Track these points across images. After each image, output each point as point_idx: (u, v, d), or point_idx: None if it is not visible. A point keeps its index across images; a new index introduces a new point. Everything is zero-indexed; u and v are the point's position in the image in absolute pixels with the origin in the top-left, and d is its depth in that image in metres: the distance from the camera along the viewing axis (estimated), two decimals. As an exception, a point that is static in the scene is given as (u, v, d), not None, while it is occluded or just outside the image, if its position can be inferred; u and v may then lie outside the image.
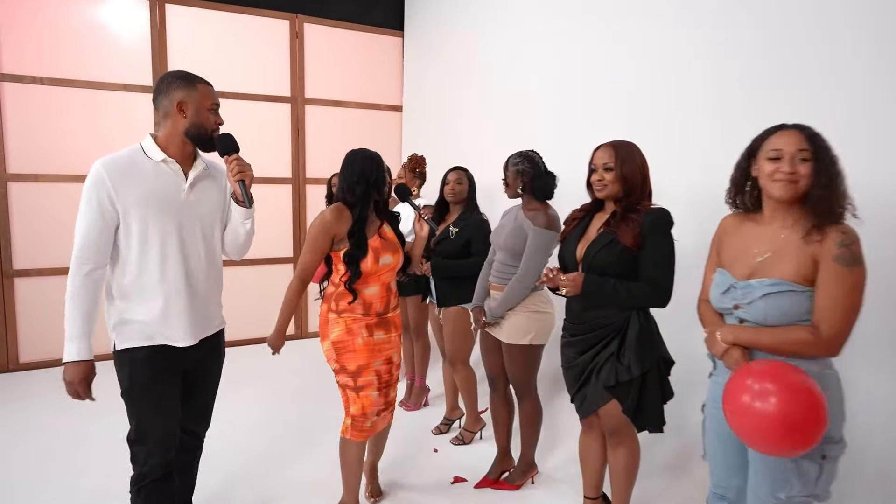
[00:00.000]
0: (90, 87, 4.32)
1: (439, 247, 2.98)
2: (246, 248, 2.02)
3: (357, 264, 2.12)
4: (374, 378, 2.22)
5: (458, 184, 2.97)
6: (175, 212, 1.78)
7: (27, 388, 3.94)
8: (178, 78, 1.78)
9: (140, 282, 1.76)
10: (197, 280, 1.85)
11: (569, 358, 2.13)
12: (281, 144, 5.05)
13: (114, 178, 1.69)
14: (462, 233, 2.91)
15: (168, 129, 1.79)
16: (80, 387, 1.69)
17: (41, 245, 4.26)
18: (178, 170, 1.80)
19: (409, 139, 5.44)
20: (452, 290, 2.95)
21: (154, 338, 1.78)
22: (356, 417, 2.22)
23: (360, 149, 2.25)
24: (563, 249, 2.15)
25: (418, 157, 3.51)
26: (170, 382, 1.83)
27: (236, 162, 1.81)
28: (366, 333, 2.19)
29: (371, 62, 5.37)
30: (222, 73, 4.73)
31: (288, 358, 2.69)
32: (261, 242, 5.09)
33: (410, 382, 3.67)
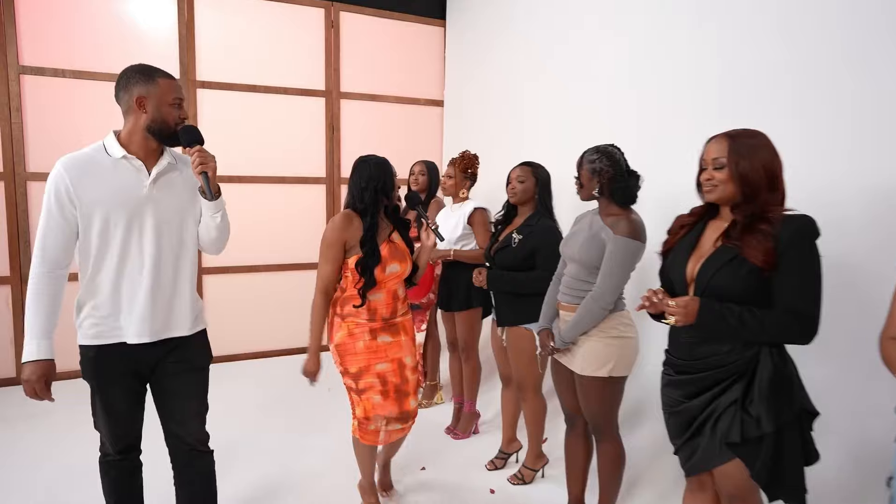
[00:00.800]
0: (113, 80, 4.00)
1: (499, 256, 2.57)
2: (220, 243, 1.94)
3: (371, 272, 2.12)
4: (375, 381, 2.20)
5: (520, 182, 2.55)
6: (135, 209, 1.73)
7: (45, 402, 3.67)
8: (136, 72, 1.75)
9: (97, 279, 1.74)
10: (162, 278, 1.79)
11: (673, 401, 1.71)
12: (314, 141, 4.72)
13: (73, 176, 1.68)
14: (526, 241, 2.49)
15: (129, 126, 1.76)
16: (37, 385, 1.67)
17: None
18: (140, 166, 1.77)
19: (451, 136, 5.07)
20: (513, 307, 2.55)
21: (107, 335, 1.76)
22: (361, 420, 2.24)
23: (369, 155, 2.26)
24: (668, 266, 1.73)
25: (470, 156, 3.12)
26: (121, 383, 1.81)
27: (198, 153, 1.76)
28: (368, 337, 2.19)
29: (411, 53, 5.01)
30: (252, 64, 4.44)
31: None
32: (293, 247, 4.84)
33: (458, 407, 3.29)
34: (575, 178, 2.22)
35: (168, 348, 1.84)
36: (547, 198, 2.57)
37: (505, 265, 2.55)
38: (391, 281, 2.21)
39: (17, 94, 3.82)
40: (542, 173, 2.58)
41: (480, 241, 3.01)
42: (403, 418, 2.27)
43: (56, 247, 1.70)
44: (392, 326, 2.25)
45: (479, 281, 2.61)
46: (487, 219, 3.03)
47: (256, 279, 4.60)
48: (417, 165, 3.54)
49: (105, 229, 1.71)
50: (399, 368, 2.25)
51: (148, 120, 1.74)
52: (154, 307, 1.78)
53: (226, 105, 4.38)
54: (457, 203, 3.13)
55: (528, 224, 2.53)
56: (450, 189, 3.09)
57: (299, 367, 2.26)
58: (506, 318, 2.59)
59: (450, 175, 3.10)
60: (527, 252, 2.49)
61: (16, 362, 3.95)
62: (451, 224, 3.06)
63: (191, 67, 4.24)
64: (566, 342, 2.15)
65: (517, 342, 2.56)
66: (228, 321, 4.42)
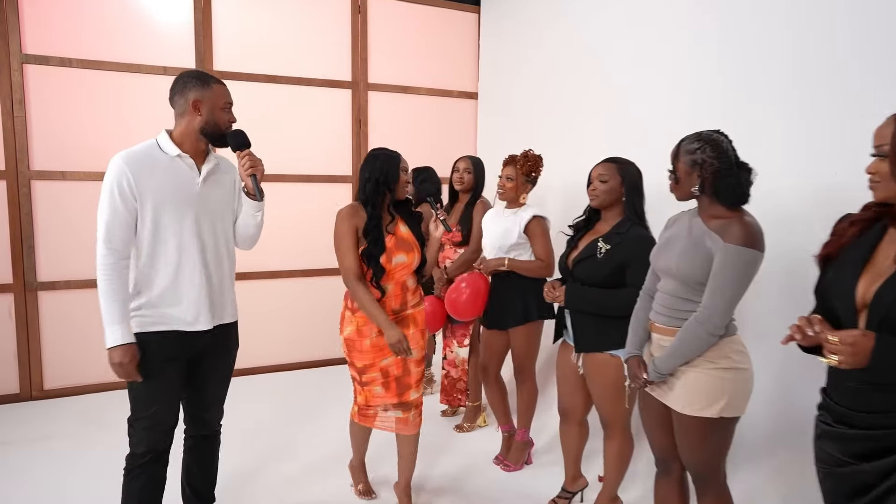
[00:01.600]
0: (126, 71, 3.72)
1: (580, 268, 2.19)
2: (255, 240, 2.11)
3: (377, 261, 2.17)
4: (378, 375, 2.28)
5: (602, 181, 2.16)
6: (190, 204, 1.87)
7: (52, 422, 3.36)
8: (193, 78, 1.87)
9: (153, 268, 1.85)
10: (211, 268, 1.93)
11: (833, 458, 1.32)
12: (339, 136, 4.36)
13: (133, 169, 1.78)
14: (615, 252, 2.10)
15: (183, 126, 1.88)
16: (130, 367, 1.79)
17: (70, 253, 3.68)
18: (193, 164, 1.89)
19: (486, 131, 4.69)
20: (596, 329, 2.16)
21: (165, 322, 1.86)
22: (361, 406, 2.36)
23: (380, 148, 2.31)
24: (830, 284, 1.34)
25: (535, 158, 2.71)
26: (172, 371, 1.90)
27: (248, 157, 1.92)
28: (375, 334, 2.24)
29: (443, 41, 4.63)
30: (273, 53, 4.10)
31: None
32: (316, 251, 4.48)
33: (507, 435, 2.91)
34: (669, 171, 1.83)
35: (214, 335, 1.96)
36: (637, 200, 2.16)
37: (587, 279, 2.17)
38: (399, 272, 2.24)
39: (20, 85, 3.50)
40: (629, 172, 2.17)
41: (539, 251, 2.64)
42: (404, 408, 2.32)
43: (123, 238, 1.79)
44: (402, 319, 2.28)
45: (552, 296, 2.23)
46: (547, 229, 2.66)
47: (277, 286, 4.26)
48: (462, 162, 3.16)
49: (161, 221, 1.82)
50: (403, 362, 2.27)
51: (202, 122, 1.86)
52: (209, 295, 1.91)
53: (244, 97, 4.00)
54: (511, 208, 2.75)
55: (618, 232, 2.14)
56: (509, 192, 2.70)
57: (331, 377, 2.07)
58: (586, 342, 2.20)
59: (510, 177, 2.70)
60: (615, 265, 2.10)
61: (20, 377, 3.64)
62: (502, 229, 2.69)
63: (207, 56, 3.90)
64: (662, 373, 1.77)
65: (601, 372, 2.17)
66: (250, 331, 4.06)
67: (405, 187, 2.32)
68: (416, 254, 2.29)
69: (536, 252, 2.65)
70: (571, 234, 2.34)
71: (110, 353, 1.76)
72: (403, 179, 2.29)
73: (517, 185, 2.69)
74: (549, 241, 2.64)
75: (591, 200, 2.23)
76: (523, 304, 2.66)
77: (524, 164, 2.68)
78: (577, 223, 2.33)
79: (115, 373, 1.79)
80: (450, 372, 3.25)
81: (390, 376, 2.28)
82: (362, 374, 2.30)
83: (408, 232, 2.30)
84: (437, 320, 3.10)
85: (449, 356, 3.23)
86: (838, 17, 2.10)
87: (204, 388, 2.04)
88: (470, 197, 3.16)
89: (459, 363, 3.20)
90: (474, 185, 3.16)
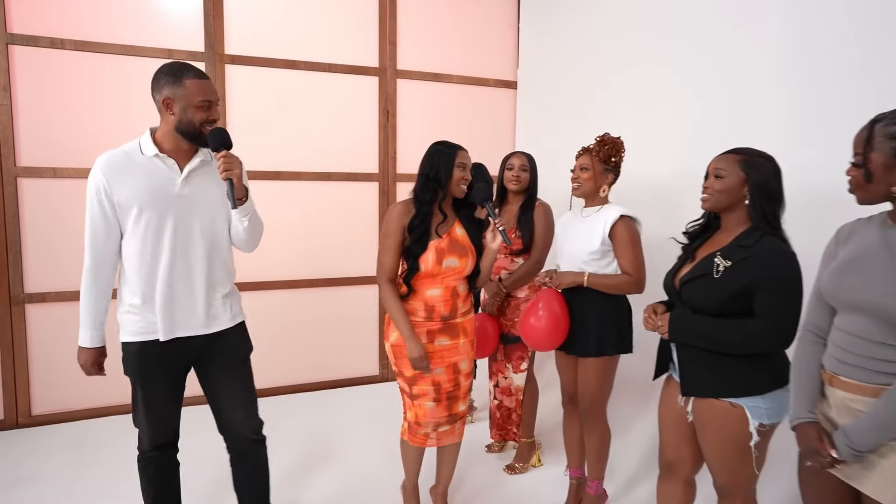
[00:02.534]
0: (125, 54, 3.27)
1: (690, 288, 1.70)
2: (252, 244, 1.99)
3: (416, 259, 2.06)
4: (429, 388, 2.15)
5: (718, 177, 1.69)
6: (168, 207, 1.79)
7: (41, 453, 2.92)
8: (165, 73, 1.77)
9: (135, 276, 1.81)
10: (196, 274, 1.85)
11: None
12: (365, 128, 3.89)
13: (108, 174, 1.74)
14: (739, 270, 1.60)
15: (162, 126, 1.81)
16: (90, 368, 1.89)
17: (62, 261, 3.23)
18: (173, 164, 1.81)
19: (526, 124, 4.22)
20: (711, 370, 1.66)
21: (148, 331, 1.83)
22: (412, 424, 2.21)
23: (441, 141, 2.17)
24: None
25: (612, 140, 2.23)
26: (161, 378, 1.87)
27: (223, 159, 1.77)
28: (424, 340, 2.11)
29: (479, 25, 4.15)
30: (292, 36, 3.65)
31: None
32: (338, 258, 4.02)
33: (576, 482, 2.44)
34: (853, 164, 1.36)
35: (209, 342, 1.90)
36: (767, 204, 1.63)
37: (699, 305, 1.68)
38: (449, 276, 2.10)
39: (5, 69, 3.06)
40: (757, 167, 1.64)
41: (626, 262, 2.15)
42: (452, 420, 2.22)
43: (102, 242, 1.77)
44: (451, 328, 2.15)
45: (653, 324, 1.75)
46: (637, 233, 2.18)
47: (295, 297, 3.79)
48: (517, 158, 2.69)
49: (140, 226, 1.77)
50: (454, 375, 2.17)
51: (175, 121, 1.77)
52: (189, 302, 1.84)
53: (259, 84, 3.58)
54: (591, 206, 2.27)
55: (743, 244, 1.63)
56: (586, 186, 2.23)
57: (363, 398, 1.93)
58: (696, 384, 1.71)
59: (584, 166, 2.22)
60: (738, 288, 1.59)
61: (4, 402, 3.19)
62: (582, 235, 2.22)
63: (218, 39, 3.45)
64: (860, 451, 1.29)
65: (716, 424, 1.68)
66: (266, 348, 3.62)
67: (460, 185, 2.10)
68: (471, 259, 2.14)
69: (622, 262, 2.17)
70: (684, 242, 1.86)
71: (79, 352, 1.86)
72: (459, 176, 2.09)
73: (594, 175, 2.21)
74: (639, 248, 2.16)
75: (701, 202, 1.75)
76: (599, 331, 2.19)
77: (600, 149, 2.20)
78: (692, 229, 1.85)
79: (84, 370, 1.88)
80: (503, 402, 2.78)
81: (442, 391, 2.16)
82: (412, 385, 2.16)
83: (464, 235, 2.14)
84: (489, 342, 2.63)
85: (502, 383, 2.76)
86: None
87: (216, 395, 1.99)
88: (525, 198, 2.69)
89: (514, 391, 2.73)
90: (530, 185, 2.70)
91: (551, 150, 3.60)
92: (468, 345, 2.20)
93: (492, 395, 2.83)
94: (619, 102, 3.23)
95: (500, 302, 2.65)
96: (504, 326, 2.68)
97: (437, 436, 2.21)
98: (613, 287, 2.16)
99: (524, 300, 2.64)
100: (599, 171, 2.21)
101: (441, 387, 2.15)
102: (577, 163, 2.26)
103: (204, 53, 3.42)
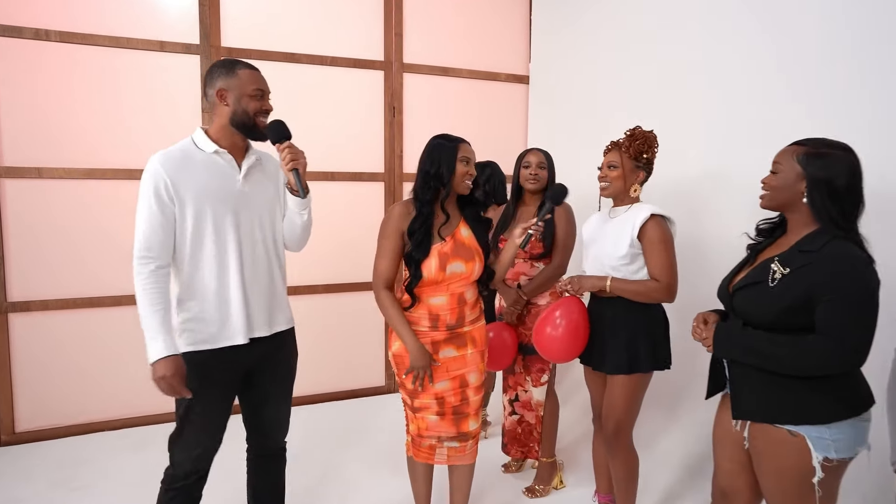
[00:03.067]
0: (115, 46, 3.07)
1: (742, 296, 1.49)
2: (304, 241, 1.96)
3: (417, 266, 1.90)
4: (432, 401, 1.99)
5: (774, 171, 1.48)
6: (231, 204, 1.73)
7: (24, 473, 2.71)
8: (217, 67, 1.75)
9: (195, 279, 1.72)
10: (257, 274, 1.80)
11: None
12: (370, 125, 3.68)
13: (170, 171, 1.66)
14: (797, 277, 1.39)
15: (217, 121, 1.76)
16: (174, 380, 1.60)
17: (48, 267, 3.03)
18: (232, 161, 1.76)
19: (538, 120, 4.01)
20: (767, 392, 1.44)
21: (214, 340, 1.73)
22: (414, 437, 2.07)
23: (441, 134, 2.02)
24: None
25: (643, 135, 2.00)
26: (223, 390, 1.78)
27: (288, 150, 1.74)
28: (429, 350, 1.96)
29: (489, 17, 3.94)
30: (292, 27, 3.46)
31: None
32: (341, 263, 3.82)
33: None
34: None
35: (269, 346, 1.83)
36: (831, 202, 1.40)
37: (752, 316, 1.47)
38: (454, 282, 1.94)
39: (-14, 62, 2.87)
40: (819, 162, 1.41)
41: (656, 266, 1.93)
42: (462, 438, 2.05)
43: (161, 244, 1.66)
44: (458, 337, 1.98)
45: (699, 335, 1.54)
46: (670, 234, 1.96)
47: (296, 304, 3.56)
48: (534, 155, 2.49)
49: (202, 225, 1.70)
50: (461, 388, 2.00)
51: (230, 113, 1.73)
52: (258, 302, 1.79)
53: (259, 79, 3.37)
54: (620, 205, 2.06)
55: (805, 248, 1.42)
56: (615, 185, 2.01)
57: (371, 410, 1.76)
58: (750, 406, 1.50)
59: (613, 164, 2.00)
60: (797, 299, 1.38)
61: (-14, 418, 2.99)
62: (610, 239, 2.00)
63: (214, 30, 3.25)
64: None
65: (774, 454, 1.45)
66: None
67: (464, 181, 1.94)
68: (478, 263, 1.97)
69: (651, 266, 1.95)
70: (752, 240, 1.64)
71: (153, 368, 1.61)
72: (462, 172, 1.93)
73: (624, 172, 1.99)
74: (671, 251, 1.94)
75: (761, 202, 1.55)
76: (630, 344, 1.98)
77: (630, 144, 1.98)
78: (763, 226, 1.64)
79: (160, 388, 1.61)
80: (524, 416, 2.56)
81: (446, 405, 2.00)
82: (414, 397, 2.00)
83: (470, 236, 1.98)
84: (507, 353, 2.42)
85: (522, 396, 2.54)
86: None
87: (264, 405, 1.90)
88: (544, 197, 2.48)
89: (535, 406, 2.51)
90: (548, 184, 2.49)
91: (566, 148, 3.40)
92: (477, 356, 2.03)
93: (506, 409, 2.61)
94: (640, 98, 3.04)
95: (519, 310, 2.44)
96: (523, 336, 2.47)
97: (446, 452, 2.06)
98: (640, 294, 1.94)
99: (545, 307, 2.43)
100: (630, 168, 2.00)
101: (445, 400, 1.99)
102: (605, 160, 2.05)
103: (199, 46, 3.22)
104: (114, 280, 3.10)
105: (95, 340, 3.13)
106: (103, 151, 3.08)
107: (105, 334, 3.14)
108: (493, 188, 3.02)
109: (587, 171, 3.22)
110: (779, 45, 2.30)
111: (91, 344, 3.13)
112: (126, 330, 3.11)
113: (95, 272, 3.10)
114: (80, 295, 3.07)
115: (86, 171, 3.04)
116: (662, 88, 2.89)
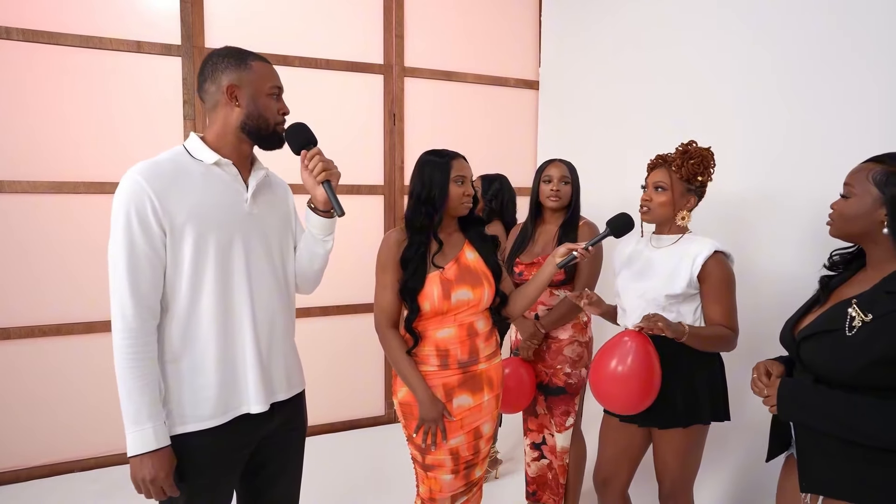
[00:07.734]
0: (86, 46, 2.79)
1: (810, 346, 1.22)
2: (319, 278, 1.61)
3: (413, 298, 1.67)
4: (446, 457, 1.72)
5: (845, 196, 1.22)
6: (237, 231, 1.35)
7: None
8: (225, 56, 1.36)
9: (193, 330, 1.31)
10: (273, 320, 1.42)
11: None
12: (369, 134, 3.41)
13: (157, 187, 1.25)
14: (883, 326, 1.12)
15: (218, 125, 1.37)
16: (167, 482, 1.25)
17: (13, 292, 2.73)
18: (237, 175, 1.38)
19: (549, 128, 3.76)
20: (841, 465, 1.18)
21: (225, 409, 1.34)
22: (425, 500, 1.79)
23: (431, 151, 1.77)
24: None
25: (700, 152, 1.69)
26: (232, 474, 1.40)
27: (318, 157, 1.40)
28: (441, 398, 1.70)
29: (496, 19, 3.69)
30: (283, 28, 3.20)
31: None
32: (338, 284, 3.50)
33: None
34: None
35: (288, 412, 1.48)
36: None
37: (826, 371, 1.20)
38: (462, 311, 1.71)
39: (-59, 64, 2.58)
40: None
41: (718, 311, 1.65)
42: (469, 489, 1.83)
43: (151, 289, 1.26)
44: (474, 378, 1.73)
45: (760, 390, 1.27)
46: (733, 274, 1.67)
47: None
48: (555, 168, 2.21)
49: (202, 259, 1.30)
50: (475, 440, 1.77)
51: (242, 115, 1.35)
52: (276, 356, 1.44)
53: (247, 84, 3.09)
54: (664, 234, 1.78)
55: (892, 289, 1.16)
56: (660, 211, 1.72)
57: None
58: (824, 480, 1.22)
59: (661, 185, 1.72)
60: (883, 352, 1.11)
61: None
62: (659, 272, 1.71)
63: (197, 30, 2.97)
64: None
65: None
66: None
67: (461, 203, 1.72)
68: (487, 288, 1.74)
69: (714, 310, 1.65)
70: (827, 272, 1.38)
71: (137, 463, 1.24)
72: (457, 193, 1.71)
73: (673, 197, 1.71)
74: (735, 294, 1.66)
75: (830, 229, 1.29)
76: (689, 392, 1.68)
77: (683, 162, 1.70)
78: (837, 257, 1.37)
79: (143, 491, 1.26)
80: (553, 462, 2.27)
81: (461, 460, 1.75)
82: (425, 454, 1.74)
83: (476, 259, 1.77)
84: (525, 393, 2.14)
85: (549, 441, 2.26)
86: None
87: (271, 487, 1.51)
88: (567, 216, 2.21)
89: (559, 454, 2.23)
90: (571, 200, 2.22)
91: (580, 159, 3.11)
92: (493, 402, 1.80)
93: (530, 455, 2.32)
94: (662, 106, 2.79)
95: (537, 345, 2.16)
96: (543, 374, 2.18)
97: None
98: (712, 343, 1.65)
99: (567, 343, 2.15)
100: (680, 192, 1.71)
101: (460, 456, 1.75)
102: (651, 179, 1.75)
103: (180, 47, 2.94)
104: (85, 305, 2.81)
105: (63, 371, 2.83)
106: (71, 163, 2.79)
107: (74, 365, 2.84)
108: (501, 204, 2.74)
109: (601, 183, 2.98)
110: (825, 39, 2.03)
111: (59, 375, 2.82)
112: (98, 359, 2.82)
113: (64, 296, 2.80)
114: (46, 322, 2.77)
115: (52, 184, 2.74)
116: (689, 97, 2.63)
